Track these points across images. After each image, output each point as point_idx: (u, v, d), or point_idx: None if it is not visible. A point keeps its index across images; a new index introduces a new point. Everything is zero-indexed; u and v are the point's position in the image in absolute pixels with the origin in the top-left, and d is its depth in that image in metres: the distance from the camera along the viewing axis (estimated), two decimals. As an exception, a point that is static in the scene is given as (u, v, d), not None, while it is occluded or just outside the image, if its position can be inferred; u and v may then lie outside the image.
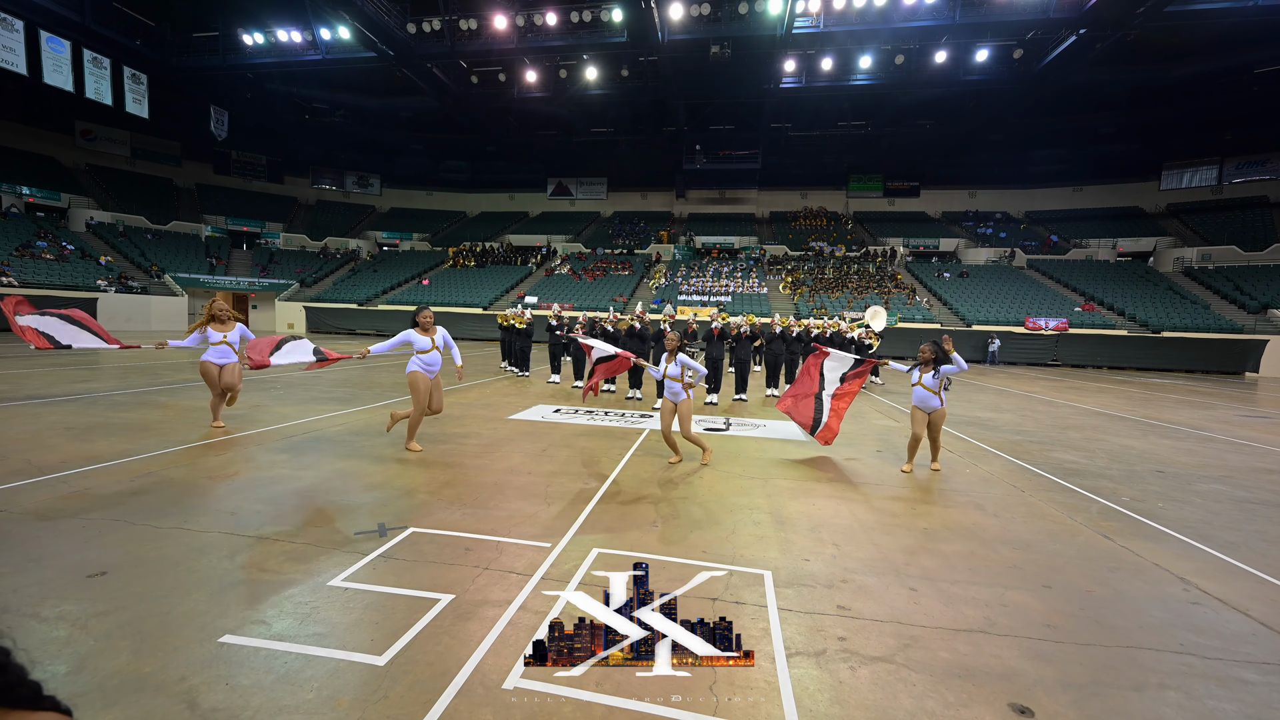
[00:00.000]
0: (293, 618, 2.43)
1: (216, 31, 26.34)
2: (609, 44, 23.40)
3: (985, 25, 21.12)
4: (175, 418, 6.49)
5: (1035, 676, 2.25)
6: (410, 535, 3.38)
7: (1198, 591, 3.11)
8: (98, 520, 3.41)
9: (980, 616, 2.71)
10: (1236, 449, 7.09)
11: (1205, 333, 21.83)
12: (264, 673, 2.06)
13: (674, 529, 3.69)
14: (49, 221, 28.39)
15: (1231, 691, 2.21)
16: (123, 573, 2.78)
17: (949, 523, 4.02)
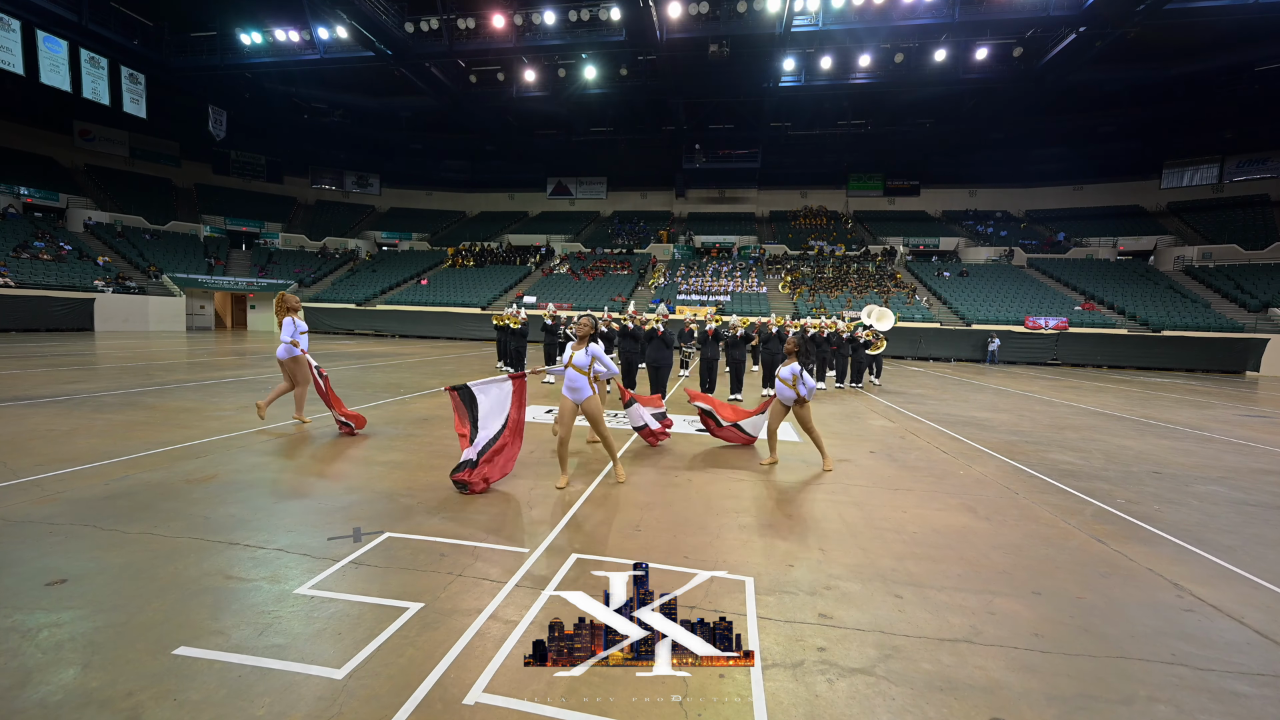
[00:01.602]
0: (252, 627, 2.36)
1: (214, 31, 26.29)
2: (608, 43, 23.32)
3: (985, 23, 21.02)
4: (162, 419, 6.42)
5: (1020, 689, 2.17)
6: (385, 540, 3.31)
7: (1191, 598, 3.02)
8: (65, 525, 3.33)
9: (966, 625, 2.62)
10: (1235, 449, 6.99)
11: (1206, 331, 21.70)
12: (215, 687, 1.98)
13: (657, 533, 3.61)
14: (47, 222, 28.35)
15: (1224, 705, 2.13)
16: (84, 581, 2.70)
17: (939, 526, 3.93)
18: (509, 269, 32.46)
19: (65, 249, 26.31)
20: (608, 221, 39.50)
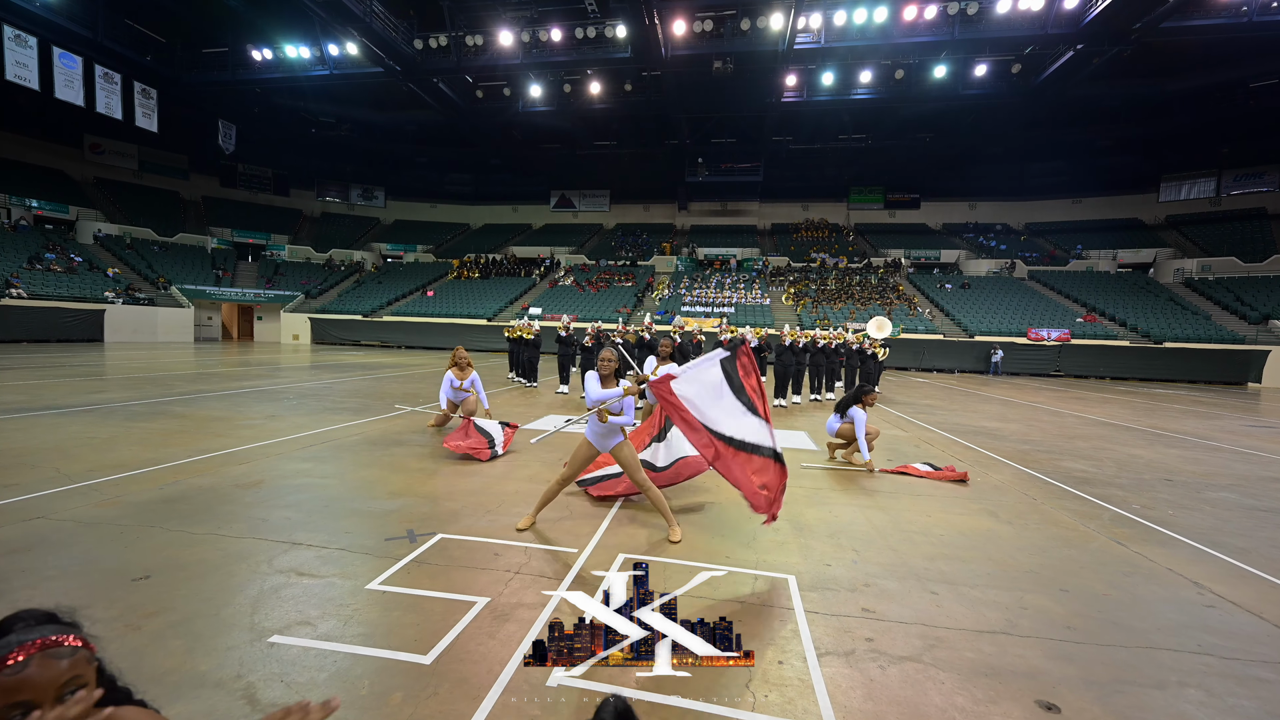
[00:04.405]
0: (336, 619, 2.51)
1: (226, 47, 26.79)
2: (613, 60, 23.80)
3: (984, 41, 21.51)
4: (195, 427, 6.57)
5: (1059, 675, 2.32)
6: (440, 541, 3.46)
7: (1212, 595, 3.17)
8: (133, 527, 3.49)
9: (1002, 619, 2.78)
10: (1244, 458, 7.15)
11: (1207, 343, 21.93)
12: (316, 670, 2.14)
13: (694, 536, 3.76)
14: (57, 234, 28.65)
15: (1250, 690, 2.28)
16: (167, 576, 2.85)
17: (964, 529, 4.09)
18: (514, 281, 32.74)
19: (76, 261, 26.59)
20: (611, 234, 39.89)
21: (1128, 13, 18.87)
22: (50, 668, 0.89)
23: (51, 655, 0.90)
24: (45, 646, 0.90)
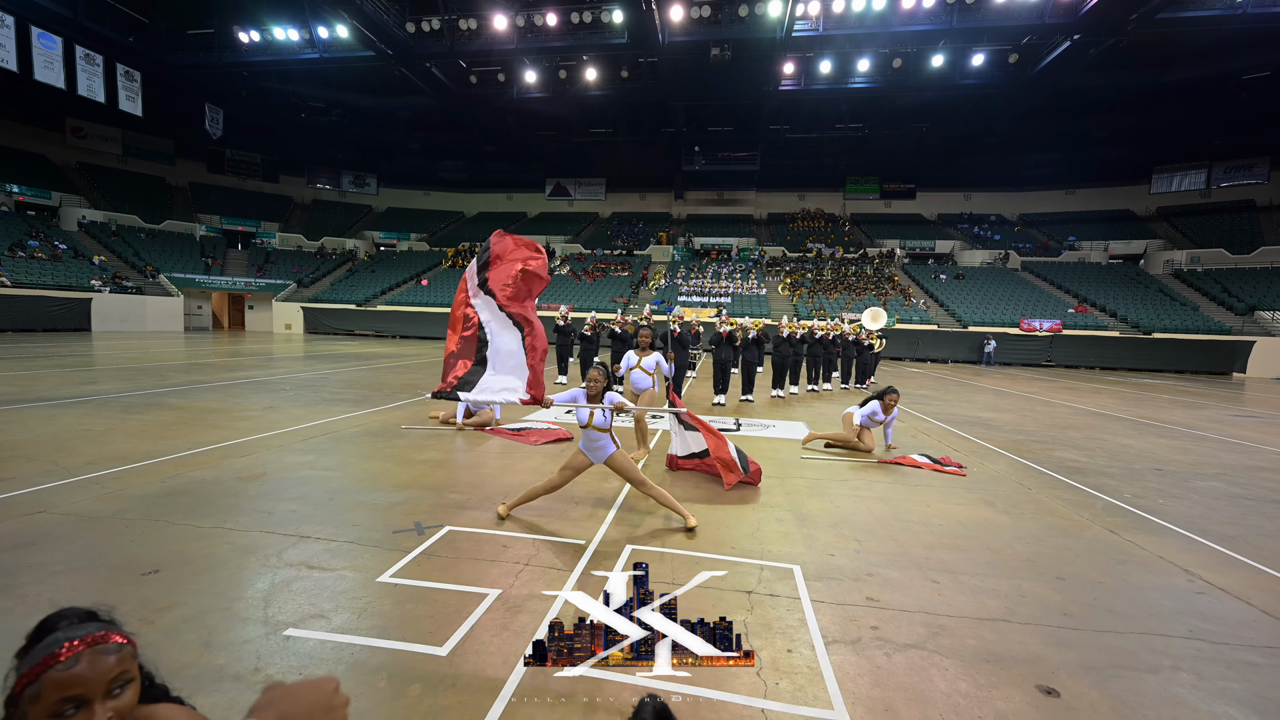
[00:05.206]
0: (350, 612, 2.54)
1: (212, 29, 26.14)
2: (609, 45, 23.49)
3: (981, 30, 21.42)
4: (191, 419, 6.54)
5: (1058, 660, 2.39)
6: (447, 533, 3.48)
7: (1202, 582, 3.27)
8: (138, 521, 3.48)
9: (1001, 606, 2.85)
10: (1230, 447, 7.30)
11: (1194, 334, 22.24)
12: (334, 663, 2.17)
13: (701, 527, 3.81)
14: (40, 220, 28.11)
15: (1239, 673, 2.36)
16: (176, 570, 2.86)
17: (963, 519, 4.17)
18: (508, 269, 32.47)
19: (61, 248, 26.12)
20: (607, 223, 39.66)
21: (1124, 2, 18.85)
22: (100, 663, 0.91)
23: (100, 651, 0.91)
24: (94, 642, 0.91)
